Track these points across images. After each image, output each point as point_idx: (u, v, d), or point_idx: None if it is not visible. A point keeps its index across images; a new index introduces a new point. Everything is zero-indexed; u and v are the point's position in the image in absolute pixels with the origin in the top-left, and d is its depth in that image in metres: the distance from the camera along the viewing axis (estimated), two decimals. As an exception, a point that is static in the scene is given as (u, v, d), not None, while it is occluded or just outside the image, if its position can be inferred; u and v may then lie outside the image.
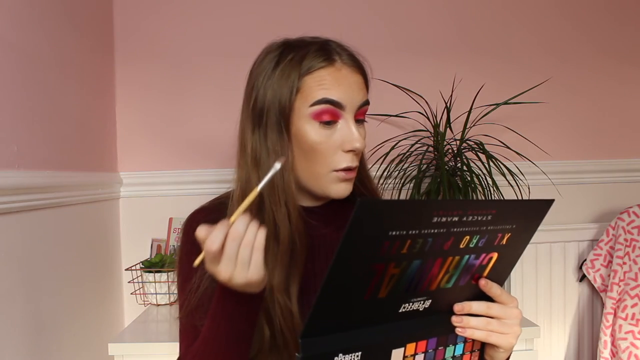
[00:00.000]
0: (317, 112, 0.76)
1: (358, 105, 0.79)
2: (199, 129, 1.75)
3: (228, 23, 1.75)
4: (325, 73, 0.77)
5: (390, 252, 0.56)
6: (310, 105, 0.77)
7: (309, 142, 0.77)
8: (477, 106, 1.66)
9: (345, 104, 0.77)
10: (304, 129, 0.78)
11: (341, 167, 0.78)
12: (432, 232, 0.58)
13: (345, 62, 0.79)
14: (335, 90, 0.77)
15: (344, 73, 0.78)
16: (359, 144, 0.77)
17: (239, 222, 0.61)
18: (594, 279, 1.71)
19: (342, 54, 0.80)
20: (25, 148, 1.16)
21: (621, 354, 1.58)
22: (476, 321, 0.69)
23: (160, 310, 1.56)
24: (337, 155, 0.78)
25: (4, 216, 1.07)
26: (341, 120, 0.78)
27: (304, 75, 0.77)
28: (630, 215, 1.66)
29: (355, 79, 0.79)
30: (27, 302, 1.14)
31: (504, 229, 0.65)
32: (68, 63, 1.40)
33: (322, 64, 0.78)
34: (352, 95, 0.78)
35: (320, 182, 0.80)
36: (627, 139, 1.86)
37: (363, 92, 0.80)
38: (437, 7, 1.80)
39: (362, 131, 0.82)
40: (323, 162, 0.78)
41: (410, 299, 0.63)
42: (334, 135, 0.78)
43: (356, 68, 0.80)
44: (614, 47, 1.84)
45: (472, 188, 1.55)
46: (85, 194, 1.45)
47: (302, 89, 0.77)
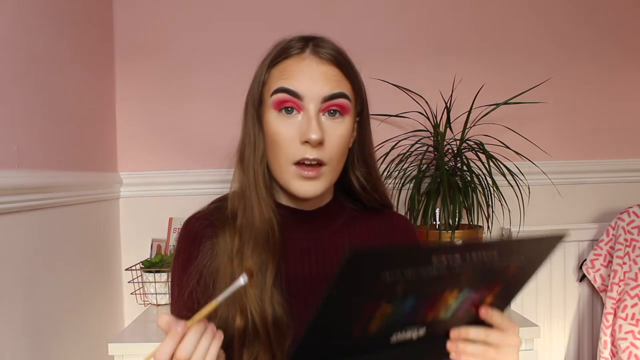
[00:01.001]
0: (275, 101, 0.77)
1: (323, 97, 0.76)
2: (199, 129, 1.75)
3: (228, 23, 1.75)
4: (289, 63, 0.77)
5: (383, 292, 0.53)
6: (271, 94, 0.77)
7: (270, 132, 0.78)
8: (477, 106, 1.66)
9: (304, 94, 0.75)
10: (267, 119, 0.78)
11: (297, 158, 0.76)
12: (430, 273, 0.54)
13: (314, 52, 0.77)
14: (294, 79, 0.76)
15: (308, 63, 0.77)
16: (315, 135, 0.74)
17: (191, 335, 0.58)
18: (594, 279, 1.71)
19: (318, 45, 0.78)
20: (25, 148, 1.16)
21: (621, 354, 1.58)
22: (472, 348, 0.65)
23: (161, 310, 1.56)
24: (294, 146, 0.76)
25: (4, 216, 1.07)
26: (302, 112, 0.76)
27: (271, 68, 0.79)
28: (630, 215, 1.66)
29: (323, 70, 0.76)
30: (27, 302, 1.14)
31: (509, 265, 0.61)
32: (68, 63, 1.40)
33: (287, 54, 0.78)
34: (314, 86, 0.75)
35: (283, 177, 0.78)
36: (627, 139, 1.86)
37: (333, 83, 0.77)
38: (437, 7, 1.79)
39: (338, 126, 0.78)
40: (282, 154, 0.77)
41: (403, 329, 0.60)
42: (293, 126, 0.76)
43: (326, 59, 0.77)
44: (614, 47, 1.84)
45: (472, 188, 1.55)
46: (85, 194, 1.45)
47: (268, 80, 0.79)
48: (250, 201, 0.79)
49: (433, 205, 1.55)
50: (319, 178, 0.77)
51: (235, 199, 0.82)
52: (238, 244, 0.78)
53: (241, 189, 0.81)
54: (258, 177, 0.79)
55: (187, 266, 0.80)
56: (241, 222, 0.80)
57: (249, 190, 0.80)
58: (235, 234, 0.79)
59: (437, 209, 1.58)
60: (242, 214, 0.80)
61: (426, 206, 1.54)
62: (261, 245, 0.77)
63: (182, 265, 0.82)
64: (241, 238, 0.78)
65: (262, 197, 0.79)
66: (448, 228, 1.54)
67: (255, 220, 0.78)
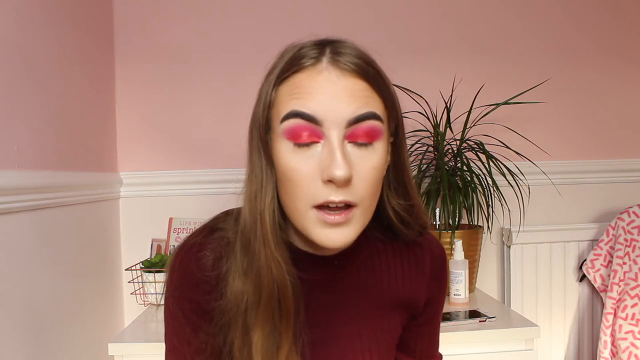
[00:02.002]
0: (287, 129, 0.59)
1: (348, 120, 0.58)
2: (199, 129, 1.75)
3: (229, 23, 1.75)
4: (302, 77, 0.60)
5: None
6: (281, 121, 0.60)
7: (282, 168, 0.61)
8: (477, 106, 1.66)
9: (323, 117, 0.58)
10: (278, 151, 0.61)
11: (320, 201, 0.59)
12: None
13: (333, 61, 0.60)
14: (309, 99, 0.58)
15: (326, 76, 0.59)
16: (340, 171, 0.56)
17: None
18: (594, 279, 1.71)
19: (331, 52, 0.61)
20: (25, 148, 1.16)
21: (621, 354, 1.58)
22: None
23: (160, 310, 1.56)
24: (314, 186, 0.59)
25: (4, 216, 1.07)
26: (322, 141, 0.59)
27: (279, 84, 0.62)
28: (630, 215, 1.66)
29: (345, 85, 0.59)
30: (27, 302, 1.14)
31: None
32: (68, 63, 1.40)
33: (299, 66, 0.60)
34: (335, 106, 0.58)
35: (301, 222, 0.62)
36: (627, 139, 1.86)
37: (360, 101, 0.59)
38: (437, 7, 1.80)
39: (369, 156, 0.60)
40: (299, 195, 0.60)
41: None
42: (311, 159, 0.59)
43: (348, 71, 0.60)
44: (614, 47, 1.85)
45: (472, 188, 1.55)
46: (85, 194, 1.45)
47: (276, 101, 0.62)
48: (256, 255, 0.63)
49: (433, 205, 1.55)
50: (348, 224, 0.60)
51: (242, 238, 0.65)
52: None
53: (246, 231, 0.65)
54: (266, 226, 0.62)
55: (186, 302, 0.67)
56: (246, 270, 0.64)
57: (256, 242, 0.63)
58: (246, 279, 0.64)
59: (437, 209, 1.58)
60: (249, 267, 0.64)
61: (426, 206, 1.54)
62: (271, 312, 0.63)
63: (177, 302, 0.68)
64: None
65: (270, 252, 0.63)
66: (448, 228, 1.54)
67: (262, 280, 0.63)
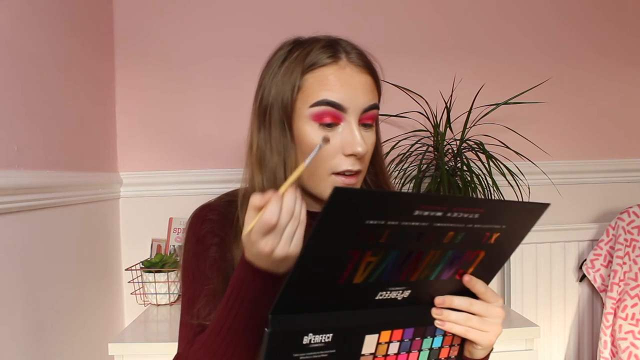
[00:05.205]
0: (317, 113, 0.74)
1: (363, 109, 0.75)
2: (199, 129, 1.75)
3: (229, 23, 1.75)
4: (328, 72, 0.75)
5: (367, 240, 0.55)
6: (310, 105, 0.74)
7: (309, 144, 0.75)
8: (477, 106, 1.66)
9: (347, 106, 0.74)
10: (304, 130, 0.75)
11: (340, 169, 0.75)
12: (413, 225, 0.57)
13: (352, 60, 0.76)
14: (336, 91, 0.74)
15: (349, 72, 0.75)
16: (361, 148, 0.74)
17: (290, 195, 0.60)
18: (594, 279, 1.71)
19: (350, 52, 0.77)
20: (25, 148, 1.16)
21: (621, 354, 1.58)
22: (456, 315, 0.68)
23: (160, 310, 1.56)
24: (337, 158, 0.75)
25: (4, 216, 1.07)
26: (343, 123, 0.75)
27: (306, 73, 0.75)
28: (630, 215, 1.66)
29: (361, 80, 0.76)
30: (27, 302, 1.14)
31: (492, 228, 0.64)
32: (68, 63, 1.40)
33: (325, 61, 0.75)
34: (355, 97, 0.75)
35: (319, 185, 0.77)
36: (627, 139, 1.86)
37: (371, 94, 0.77)
38: (437, 7, 1.80)
39: (371, 135, 0.79)
40: (323, 165, 0.75)
41: (388, 288, 0.63)
42: (334, 138, 0.75)
43: (364, 68, 0.77)
44: (613, 47, 1.84)
45: (472, 188, 1.55)
46: (85, 194, 1.45)
47: (304, 87, 0.75)
48: None
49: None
50: (355, 184, 0.78)
51: None
52: None
53: (256, 189, 0.77)
54: (281, 180, 0.75)
55: (201, 253, 0.79)
56: None
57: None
58: None
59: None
60: None
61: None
62: None
63: (195, 256, 0.80)
64: None
65: None
66: (448, 228, 1.54)
67: None
